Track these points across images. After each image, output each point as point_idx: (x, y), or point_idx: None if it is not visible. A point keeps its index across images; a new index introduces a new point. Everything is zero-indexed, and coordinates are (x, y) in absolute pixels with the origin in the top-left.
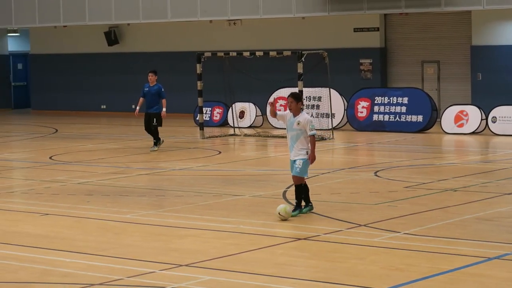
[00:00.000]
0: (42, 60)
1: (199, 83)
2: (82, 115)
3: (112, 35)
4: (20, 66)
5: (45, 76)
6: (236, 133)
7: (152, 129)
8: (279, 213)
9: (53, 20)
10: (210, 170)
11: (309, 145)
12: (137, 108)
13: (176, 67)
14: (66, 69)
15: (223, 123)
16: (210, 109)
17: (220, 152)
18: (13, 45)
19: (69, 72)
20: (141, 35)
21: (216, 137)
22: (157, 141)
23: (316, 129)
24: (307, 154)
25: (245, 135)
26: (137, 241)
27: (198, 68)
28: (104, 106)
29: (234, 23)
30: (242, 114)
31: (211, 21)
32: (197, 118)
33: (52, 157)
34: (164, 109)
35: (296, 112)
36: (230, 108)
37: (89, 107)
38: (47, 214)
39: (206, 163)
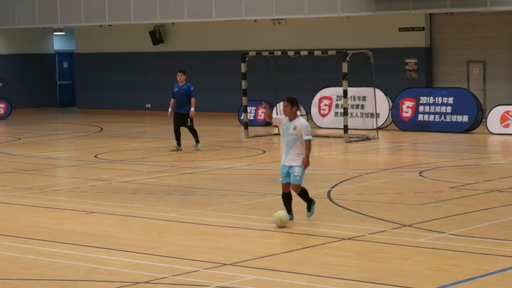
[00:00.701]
0: (87, 59)
1: (243, 82)
2: (126, 114)
3: (157, 34)
4: (65, 65)
5: (90, 75)
6: (279, 132)
7: (188, 129)
8: (280, 220)
9: (98, 19)
10: (254, 169)
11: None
12: (170, 109)
13: (221, 66)
14: (111, 68)
15: (267, 122)
16: (254, 108)
17: (264, 152)
18: (58, 44)
19: (114, 71)
20: (186, 34)
21: (260, 136)
22: (198, 139)
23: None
24: None
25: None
26: (182, 240)
27: (243, 67)
28: (149, 105)
29: (279, 22)
30: None
31: (255, 20)
32: (242, 118)
33: (97, 156)
34: (192, 109)
35: (292, 116)
36: (275, 107)
37: (134, 106)
38: (93, 212)
39: (250, 162)
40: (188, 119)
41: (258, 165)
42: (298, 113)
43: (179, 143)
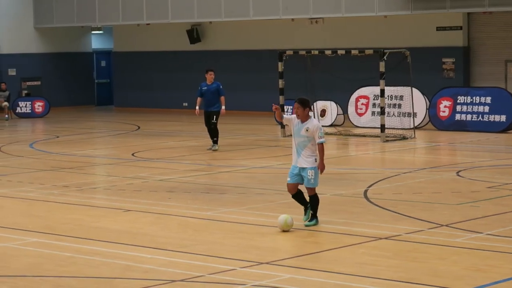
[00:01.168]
0: (125, 58)
1: (280, 81)
2: (163, 113)
3: (194, 33)
4: (103, 63)
5: (128, 74)
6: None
7: (211, 127)
8: (285, 223)
9: (136, 18)
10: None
11: (317, 152)
12: (197, 108)
13: (258, 65)
14: (149, 67)
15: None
16: (291, 107)
17: None
18: (96, 42)
19: (151, 70)
20: (223, 33)
21: None
22: (217, 139)
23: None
24: (316, 161)
25: (326, 133)
26: (218, 238)
27: (280, 67)
28: (186, 104)
29: (316, 22)
30: (323, 113)
31: (293, 19)
32: None
33: (134, 154)
34: (223, 107)
35: (304, 118)
36: (311, 106)
37: (171, 104)
38: (129, 210)
39: (286, 161)
40: (214, 116)
41: None
42: (311, 113)
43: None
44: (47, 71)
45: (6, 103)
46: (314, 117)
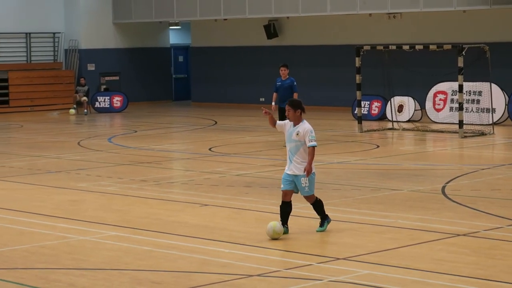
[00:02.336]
0: (202, 53)
1: (357, 77)
2: (240, 108)
3: (271, 28)
4: (181, 58)
5: (205, 69)
6: (394, 127)
7: None
8: (273, 230)
9: (213, 13)
10: (367, 164)
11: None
12: (273, 103)
13: (335, 61)
14: (226, 62)
15: (381, 117)
16: (368, 102)
17: (378, 146)
18: (174, 38)
19: (228, 65)
20: (300, 29)
21: (374, 131)
22: None
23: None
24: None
25: (404, 129)
26: (295, 234)
27: (357, 62)
28: (263, 99)
29: (394, 16)
30: (400, 108)
31: (370, 14)
32: (355, 112)
33: (212, 149)
34: None
35: (296, 121)
36: (389, 102)
37: (248, 99)
38: (206, 205)
39: (363, 157)
40: None
41: (372, 159)
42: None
43: None
44: (125, 66)
45: (85, 98)
46: (391, 113)
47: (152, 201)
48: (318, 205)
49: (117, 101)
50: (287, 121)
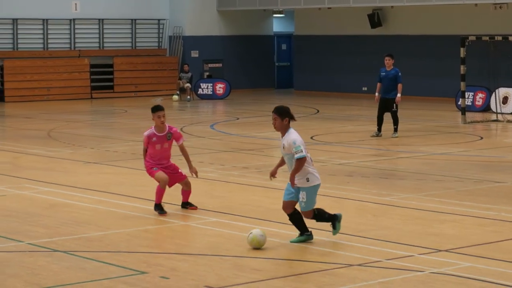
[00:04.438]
0: (305, 41)
1: (462, 67)
2: (342, 97)
3: (375, 18)
4: (284, 46)
5: (308, 57)
6: (498, 119)
7: (391, 115)
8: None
9: (318, 2)
10: (471, 155)
11: (309, 168)
12: (376, 93)
13: (438, 51)
14: (329, 51)
15: (486, 108)
16: (472, 93)
17: (481, 138)
18: (278, 26)
19: (331, 54)
20: (404, 18)
21: (478, 122)
22: (397, 127)
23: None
24: (308, 181)
25: (508, 121)
26: (396, 224)
27: (462, 52)
28: (365, 88)
29: (500, 7)
30: (505, 100)
31: (476, 4)
32: (459, 103)
33: (313, 137)
34: (399, 94)
35: (282, 131)
36: (493, 93)
37: (350, 88)
38: None
39: (467, 148)
40: (394, 105)
41: (475, 151)
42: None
43: (379, 129)
44: (228, 53)
45: (188, 85)
46: (496, 104)
47: (253, 188)
48: (319, 217)
49: (219, 88)
50: None
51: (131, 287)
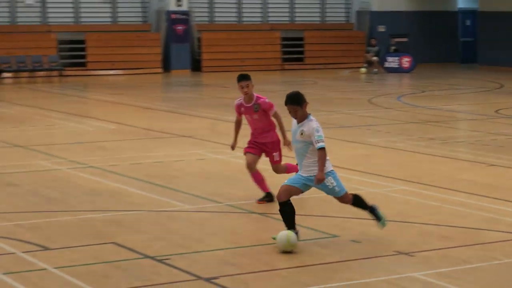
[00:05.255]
0: (490, 17)
1: None
2: None
3: None
4: (468, 22)
5: (492, 33)
6: None
7: None
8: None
9: None
10: None
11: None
12: None
13: None
14: None
15: None
16: None
17: None
18: (462, 2)
19: None
20: None
21: None
22: None
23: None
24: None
25: None
26: None
27: None
28: None
29: None
30: None
31: None
32: None
33: (498, 111)
34: None
35: (301, 118)
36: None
37: None
38: (493, 165)
39: None
40: None
41: None
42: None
43: None
44: (413, 28)
45: (375, 58)
46: None
47: (439, 158)
48: (358, 202)
49: (405, 61)
50: (294, 121)
51: (323, 249)
